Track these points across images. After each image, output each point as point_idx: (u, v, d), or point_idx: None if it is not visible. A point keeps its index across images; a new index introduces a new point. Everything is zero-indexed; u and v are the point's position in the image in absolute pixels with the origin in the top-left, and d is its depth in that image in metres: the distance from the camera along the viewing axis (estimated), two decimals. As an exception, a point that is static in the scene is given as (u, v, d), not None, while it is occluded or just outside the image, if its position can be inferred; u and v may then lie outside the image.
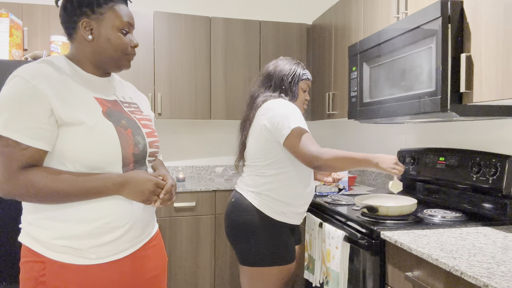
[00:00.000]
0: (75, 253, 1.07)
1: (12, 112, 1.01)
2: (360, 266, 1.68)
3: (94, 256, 1.09)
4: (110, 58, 1.18)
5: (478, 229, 1.58)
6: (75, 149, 1.06)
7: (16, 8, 2.81)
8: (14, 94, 1.02)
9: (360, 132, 3.21)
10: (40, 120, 1.02)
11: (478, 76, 1.47)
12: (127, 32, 1.19)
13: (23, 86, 1.02)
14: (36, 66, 1.08)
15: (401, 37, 1.79)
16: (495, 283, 1.01)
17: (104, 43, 1.16)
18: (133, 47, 1.21)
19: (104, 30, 1.15)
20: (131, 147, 1.15)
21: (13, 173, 1.01)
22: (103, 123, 1.10)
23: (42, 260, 1.06)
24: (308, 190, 1.83)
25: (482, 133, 1.94)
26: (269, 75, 1.88)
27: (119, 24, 1.16)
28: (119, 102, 1.23)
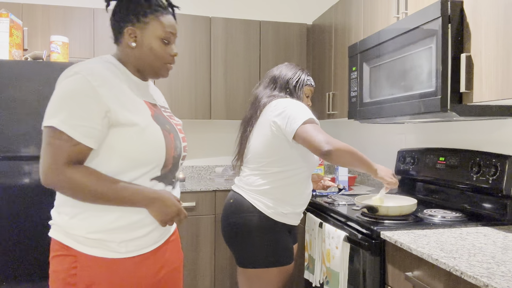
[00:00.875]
0: (106, 247, 1.12)
1: (71, 109, 1.06)
2: (360, 266, 1.68)
3: (124, 250, 1.14)
4: (150, 66, 1.24)
5: (478, 229, 1.58)
6: (127, 147, 1.12)
7: (16, 8, 2.81)
8: (75, 91, 1.07)
9: (360, 132, 3.21)
10: (95, 121, 1.08)
11: (478, 76, 1.47)
12: (168, 42, 1.24)
13: (85, 86, 1.08)
14: (96, 67, 1.14)
15: (401, 37, 1.79)
16: (495, 283, 1.01)
17: (146, 51, 1.21)
18: (172, 56, 1.26)
19: (147, 39, 1.21)
20: (173, 150, 1.22)
21: (60, 166, 1.06)
22: (153, 126, 1.17)
23: (74, 254, 1.11)
24: (307, 192, 1.83)
25: (482, 133, 1.94)
26: (274, 78, 1.89)
27: (161, 33, 1.21)
28: (158, 106, 1.30)
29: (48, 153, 1.07)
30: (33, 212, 2.47)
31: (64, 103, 1.07)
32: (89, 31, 2.94)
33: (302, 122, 1.64)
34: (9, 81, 2.43)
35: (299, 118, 1.66)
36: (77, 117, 1.06)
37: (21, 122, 2.45)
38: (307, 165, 1.78)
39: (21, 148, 2.46)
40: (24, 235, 2.46)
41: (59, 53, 2.69)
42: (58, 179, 1.07)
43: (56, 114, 1.07)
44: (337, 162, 1.63)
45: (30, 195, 2.47)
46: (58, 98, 1.08)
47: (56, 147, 1.07)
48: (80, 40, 2.93)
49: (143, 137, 1.14)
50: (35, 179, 2.48)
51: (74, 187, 1.08)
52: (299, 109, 1.71)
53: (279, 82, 1.87)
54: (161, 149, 1.17)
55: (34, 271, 2.48)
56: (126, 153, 1.13)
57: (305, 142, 1.64)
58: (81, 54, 2.93)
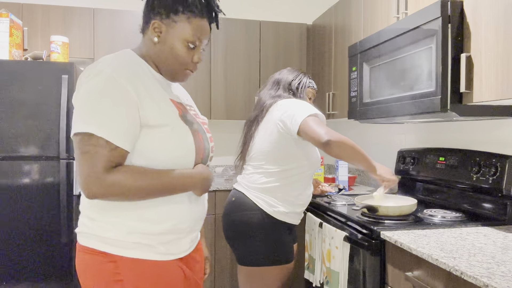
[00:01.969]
0: (145, 248, 1.07)
1: (104, 111, 0.99)
2: (360, 266, 1.68)
3: (163, 251, 1.10)
4: (168, 67, 1.15)
5: (478, 229, 1.58)
6: (155, 149, 1.06)
7: (16, 8, 2.81)
8: (104, 92, 1.00)
9: (360, 132, 3.21)
10: (130, 122, 1.02)
11: (478, 76, 1.47)
12: (194, 47, 1.14)
13: (114, 85, 1.01)
14: (121, 63, 1.06)
15: (401, 37, 1.79)
16: (495, 283, 1.01)
17: (167, 50, 1.13)
18: (194, 63, 1.17)
19: (171, 38, 1.12)
20: (202, 152, 1.17)
21: (102, 173, 0.99)
22: (181, 127, 1.11)
23: (114, 260, 1.05)
24: (308, 192, 1.85)
25: (482, 133, 1.94)
26: (277, 81, 1.95)
27: (188, 36, 1.12)
28: (184, 105, 1.22)
29: (85, 163, 0.99)
30: (33, 212, 2.47)
31: (95, 105, 0.99)
32: (89, 31, 2.94)
33: (305, 116, 1.66)
34: (9, 81, 2.43)
35: (302, 113, 1.68)
36: (112, 120, 0.99)
37: (21, 122, 2.45)
38: (310, 164, 1.80)
39: (21, 148, 2.46)
40: (24, 235, 2.46)
41: (59, 53, 2.69)
42: (102, 188, 0.99)
43: (88, 119, 0.99)
44: (337, 154, 1.62)
45: (30, 195, 2.47)
46: (86, 101, 1.00)
47: (94, 154, 0.98)
48: (80, 40, 2.93)
49: (172, 139, 1.08)
50: (35, 179, 2.48)
51: (121, 191, 1.00)
52: (302, 105, 1.74)
53: (281, 84, 1.92)
54: (190, 151, 1.12)
55: (34, 271, 2.48)
56: (154, 155, 1.07)
57: (307, 135, 1.65)
58: (81, 54, 2.94)
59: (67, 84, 2.48)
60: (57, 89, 2.49)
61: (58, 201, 2.49)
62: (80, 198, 1.29)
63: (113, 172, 1.00)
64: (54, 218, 2.50)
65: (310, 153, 1.80)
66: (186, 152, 1.11)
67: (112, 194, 1.00)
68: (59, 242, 2.50)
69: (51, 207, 2.49)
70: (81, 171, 1.00)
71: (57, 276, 2.51)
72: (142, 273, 1.06)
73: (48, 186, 2.49)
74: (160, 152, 1.07)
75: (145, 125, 1.05)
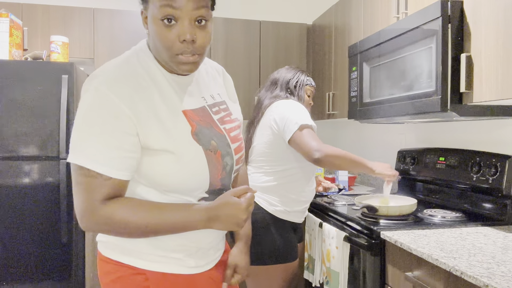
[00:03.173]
0: (173, 262, 1.00)
1: (96, 138, 0.87)
2: (360, 266, 1.68)
3: (193, 264, 1.03)
4: (162, 59, 0.95)
5: (478, 229, 1.58)
6: (161, 176, 0.94)
7: (16, 8, 2.81)
8: (96, 114, 0.87)
9: (360, 132, 3.21)
10: (126, 148, 0.89)
11: (478, 76, 1.47)
12: (171, 22, 0.88)
13: (107, 104, 0.87)
14: (119, 74, 0.92)
15: (401, 37, 1.79)
16: (495, 283, 1.01)
17: (153, 40, 0.93)
18: (183, 42, 0.89)
19: (150, 22, 0.92)
20: (220, 173, 1.01)
21: (94, 207, 0.89)
22: (192, 150, 0.95)
23: (143, 272, 0.98)
24: (310, 188, 1.87)
25: (482, 133, 1.94)
26: (274, 80, 1.97)
27: (157, 11, 0.88)
28: (207, 107, 1.04)
29: (77, 194, 0.90)
30: (33, 212, 2.47)
31: (86, 132, 0.87)
32: (89, 31, 2.94)
33: (297, 128, 1.70)
34: (9, 81, 2.43)
35: (295, 123, 1.71)
36: (104, 149, 0.87)
37: (21, 122, 2.45)
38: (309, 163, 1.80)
39: (21, 148, 2.46)
40: (24, 235, 2.46)
41: (59, 53, 2.69)
42: (95, 222, 0.89)
43: (79, 148, 0.88)
44: (329, 167, 1.69)
45: (30, 195, 2.47)
46: (79, 126, 0.88)
47: (86, 186, 0.88)
48: (80, 40, 2.93)
49: (179, 165, 0.93)
50: (35, 179, 2.48)
51: (115, 226, 0.90)
52: (296, 112, 1.75)
53: (279, 83, 1.94)
54: (203, 175, 0.97)
55: (34, 271, 2.48)
56: (161, 182, 0.94)
57: (298, 147, 1.71)
58: (81, 54, 2.93)
59: (67, 84, 2.48)
60: (57, 89, 2.49)
61: (58, 201, 2.49)
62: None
63: (110, 205, 0.89)
64: (54, 218, 2.50)
65: None
66: (197, 177, 0.97)
67: (105, 229, 0.91)
68: (59, 242, 2.50)
69: (51, 207, 2.49)
70: (77, 203, 0.91)
71: (57, 276, 2.51)
72: (169, 286, 1.00)
73: (48, 186, 2.49)
74: (167, 176, 0.94)
75: (147, 148, 0.92)
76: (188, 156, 0.94)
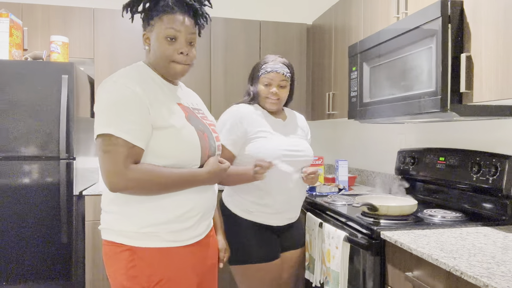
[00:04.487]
0: (157, 238, 1.21)
1: (121, 115, 1.14)
2: (360, 266, 1.68)
3: (175, 239, 1.24)
4: (160, 66, 1.28)
5: (478, 229, 1.58)
6: (165, 148, 1.20)
7: (16, 8, 2.81)
8: (119, 99, 1.15)
9: (360, 132, 3.21)
10: (142, 123, 1.16)
11: (478, 76, 1.47)
12: (174, 39, 1.25)
13: (127, 92, 1.16)
14: (131, 75, 1.22)
15: (401, 37, 1.79)
16: (495, 283, 1.01)
17: (155, 52, 1.26)
18: (180, 54, 1.25)
19: (153, 40, 1.26)
20: (207, 150, 1.30)
21: (122, 169, 1.13)
22: (188, 127, 1.25)
23: (129, 248, 1.20)
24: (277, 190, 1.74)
25: (482, 133, 1.94)
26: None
27: (163, 32, 1.24)
28: (191, 109, 1.35)
29: (107, 160, 1.14)
30: (33, 212, 2.47)
31: (112, 111, 1.15)
32: (89, 31, 2.94)
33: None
34: (9, 81, 2.43)
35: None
36: (128, 122, 1.14)
37: (21, 122, 2.45)
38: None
39: (21, 148, 2.46)
40: (24, 235, 2.46)
41: (59, 53, 2.69)
42: (125, 182, 1.14)
43: (108, 122, 1.14)
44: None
45: (30, 195, 2.47)
46: (104, 108, 1.16)
47: (114, 152, 1.13)
48: (80, 40, 2.93)
49: (179, 138, 1.21)
50: (35, 179, 2.48)
51: (142, 185, 1.16)
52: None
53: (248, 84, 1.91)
54: (196, 148, 1.25)
55: (34, 271, 2.48)
56: (164, 153, 1.20)
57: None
58: (81, 54, 2.93)
59: (67, 84, 2.48)
60: (57, 89, 2.49)
61: (58, 201, 2.49)
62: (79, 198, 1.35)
63: (133, 169, 1.15)
64: (54, 218, 2.50)
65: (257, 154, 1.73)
66: (192, 150, 1.24)
67: (132, 188, 1.15)
68: (59, 242, 2.50)
69: (51, 207, 2.49)
70: (104, 168, 1.15)
71: (57, 276, 2.51)
72: (151, 259, 1.20)
73: (48, 186, 2.49)
74: (169, 150, 1.21)
75: (155, 126, 1.19)
76: (185, 132, 1.23)
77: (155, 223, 1.21)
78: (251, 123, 1.75)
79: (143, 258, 1.20)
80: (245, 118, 1.75)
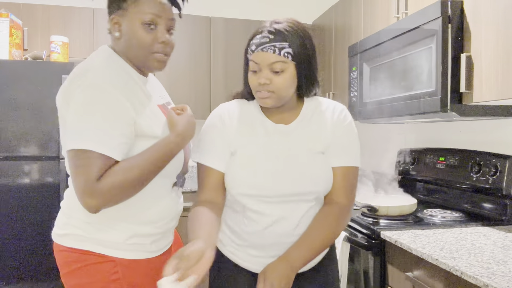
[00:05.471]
0: (140, 248, 1.11)
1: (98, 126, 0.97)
2: (360, 266, 1.68)
3: (155, 249, 1.15)
4: (136, 57, 1.09)
5: (478, 229, 1.58)
6: None
7: (16, 8, 2.81)
8: (97, 105, 0.98)
9: (360, 132, 3.18)
10: (122, 133, 1.00)
11: (478, 76, 1.47)
12: (154, 26, 1.06)
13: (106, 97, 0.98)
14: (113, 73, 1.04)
15: (401, 37, 1.78)
16: (495, 283, 1.01)
17: (128, 41, 1.07)
18: (161, 43, 1.07)
19: (128, 26, 1.06)
20: (188, 155, 1.21)
21: (94, 185, 0.96)
22: None
23: (112, 260, 1.07)
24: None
25: (482, 133, 1.94)
26: None
27: (141, 17, 1.04)
28: (165, 105, 1.22)
29: (80, 175, 0.97)
30: (33, 212, 2.47)
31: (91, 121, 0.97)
32: (89, 31, 2.94)
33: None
34: (9, 81, 2.43)
35: None
36: (112, 136, 0.98)
37: (21, 122, 2.45)
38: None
39: (21, 148, 2.46)
40: (24, 235, 2.46)
41: (59, 53, 2.69)
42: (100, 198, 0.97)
43: (84, 134, 0.97)
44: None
45: (30, 195, 2.47)
46: (79, 115, 0.98)
47: (87, 167, 0.96)
48: (80, 40, 2.93)
49: None
50: (35, 179, 2.48)
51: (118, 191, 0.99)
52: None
53: None
54: (180, 157, 1.15)
55: (34, 271, 2.47)
56: None
57: None
58: (81, 54, 2.93)
59: (67, 84, 2.48)
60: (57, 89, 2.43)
61: (58, 201, 2.49)
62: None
63: (103, 178, 0.97)
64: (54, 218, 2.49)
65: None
66: (176, 160, 1.12)
67: (111, 200, 0.99)
68: (59, 242, 2.50)
69: (51, 207, 2.49)
70: (76, 184, 0.98)
71: (57, 276, 2.51)
72: (138, 271, 1.11)
73: (48, 186, 2.49)
74: None
75: (140, 134, 1.04)
76: None
77: (140, 234, 1.10)
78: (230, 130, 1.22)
79: (127, 270, 1.09)
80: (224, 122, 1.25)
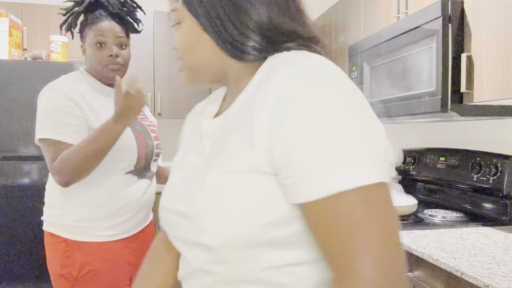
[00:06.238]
0: (91, 232, 1.33)
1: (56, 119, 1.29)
2: (360, 266, 1.68)
3: (109, 234, 1.35)
4: (96, 71, 1.40)
5: (479, 229, 1.58)
6: None
7: (16, 8, 2.81)
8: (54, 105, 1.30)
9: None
10: (80, 125, 1.29)
11: (478, 76, 1.47)
12: (103, 45, 1.36)
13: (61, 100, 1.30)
14: (69, 82, 1.36)
15: (402, 37, 1.78)
16: (495, 284, 1.01)
17: (90, 60, 1.40)
18: (111, 57, 1.36)
19: (87, 49, 1.40)
20: (144, 148, 1.40)
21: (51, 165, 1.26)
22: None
23: (64, 240, 1.32)
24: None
25: (482, 133, 1.94)
26: None
27: (92, 39, 1.37)
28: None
29: (48, 159, 1.28)
30: (32, 212, 2.47)
31: (49, 116, 1.30)
32: (89, 31, 2.93)
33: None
34: (9, 81, 2.42)
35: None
36: (64, 126, 1.28)
37: (21, 122, 2.45)
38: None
39: (21, 148, 2.45)
40: (24, 235, 2.46)
41: (59, 53, 2.69)
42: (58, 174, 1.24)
43: (44, 127, 1.30)
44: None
45: (30, 195, 2.46)
46: (42, 114, 1.32)
47: (49, 152, 1.28)
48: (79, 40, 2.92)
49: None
50: (35, 179, 2.47)
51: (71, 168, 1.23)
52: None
53: None
54: (132, 148, 1.36)
55: (33, 271, 2.47)
56: None
57: None
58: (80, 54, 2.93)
59: (67, 84, 2.48)
60: (57, 89, 2.48)
61: (58, 201, 2.49)
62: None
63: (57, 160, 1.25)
64: (54, 218, 2.50)
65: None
66: (128, 150, 1.34)
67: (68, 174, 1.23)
68: (59, 242, 2.50)
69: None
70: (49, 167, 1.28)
71: (57, 276, 2.51)
72: (88, 252, 1.32)
73: (48, 186, 2.49)
74: None
75: (92, 128, 1.30)
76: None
77: (90, 219, 1.32)
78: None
79: (77, 250, 1.32)
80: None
